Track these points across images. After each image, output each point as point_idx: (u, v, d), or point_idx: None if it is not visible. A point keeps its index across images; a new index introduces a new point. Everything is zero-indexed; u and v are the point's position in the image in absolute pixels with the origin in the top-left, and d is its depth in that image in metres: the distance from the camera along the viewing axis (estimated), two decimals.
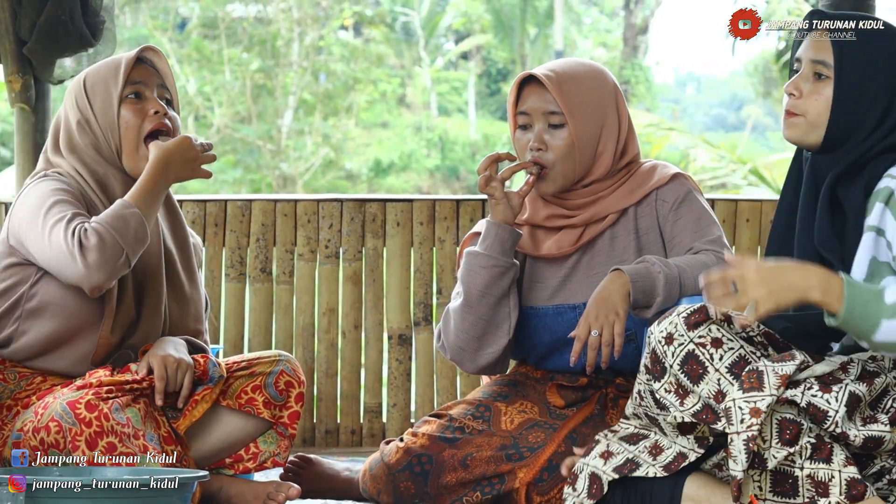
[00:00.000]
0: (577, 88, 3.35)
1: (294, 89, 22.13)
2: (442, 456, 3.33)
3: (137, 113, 3.33)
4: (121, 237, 3.13)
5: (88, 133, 3.33)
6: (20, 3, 4.83)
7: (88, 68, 3.43)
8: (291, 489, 3.36)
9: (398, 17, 25.53)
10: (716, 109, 33.28)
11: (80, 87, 3.36)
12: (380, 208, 5.23)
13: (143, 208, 3.19)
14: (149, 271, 3.33)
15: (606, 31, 28.10)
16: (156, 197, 3.24)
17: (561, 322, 3.38)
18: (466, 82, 26.42)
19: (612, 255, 3.38)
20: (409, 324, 5.22)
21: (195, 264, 3.46)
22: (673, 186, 3.40)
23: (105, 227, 3.12)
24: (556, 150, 3.35)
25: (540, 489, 3.25)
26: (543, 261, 3.43)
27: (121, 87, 3.32)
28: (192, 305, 3.43)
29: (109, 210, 3.17)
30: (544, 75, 3.35)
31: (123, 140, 3.32)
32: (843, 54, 2.78)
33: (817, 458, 2.65)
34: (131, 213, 3.16)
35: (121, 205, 3.18)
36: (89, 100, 3.34)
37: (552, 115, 3.35)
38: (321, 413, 5.20)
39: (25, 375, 3.28)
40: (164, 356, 3.23)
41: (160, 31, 22.21)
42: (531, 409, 3.42)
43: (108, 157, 3.33)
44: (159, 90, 3.37)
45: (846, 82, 2.77)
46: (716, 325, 2.72)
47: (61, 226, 3.13)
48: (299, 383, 3.41)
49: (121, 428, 3.05)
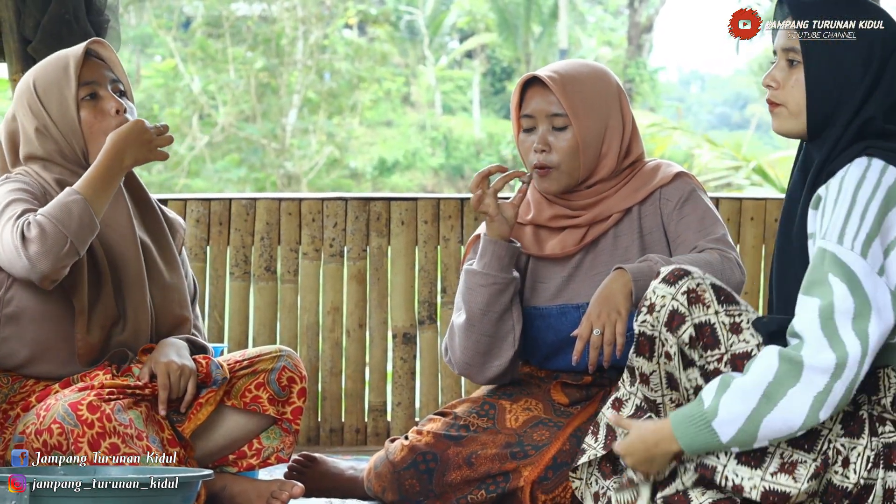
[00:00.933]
0: (580, 90, 3.35)
1: (298, 88, 22.14)
2: (447, 454, 3.33)
3: (98, 114, 3.30)
4: (63, 226, 3.08)
5: (50, 139, 3.30)
6: (24, 1, 4.83)
7: (33, 69, 3.37)
8: (295, 487, 3.35)
9: (402, 16, 25.53)
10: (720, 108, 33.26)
11: (31, 91, 3.32)
12: (384, 207, 5.23)
13: (90, 195, 3.14)
14: (127, 267, 3.30)
15: (611, 30, 28.10)
16: (107, 183, 3.19)
17: (565, 322, 3.38)
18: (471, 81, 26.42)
19: (615, 255, 3.38)
20: (413, 322, 5.22)
21: (174, 251, 3.43)
22: (677, 185, 3.40)
23: (47, 217, 3.09)
24: (560, 151, 3.35)
25: (545, 487, 3.26)
26: (547, 261, 3.43)
27: (74, 89, 3.28)
28: (175, 292, 3.39)
29: (54, 200, 3.14)
30: (548, 77, 3.35)
31: (89, 143, 3.29)
32: (805, 33, 2.74)
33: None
34: (74, 200, 3.12)
35: (65, 193, 3.14)
36: (44, 105, 3.30)
37: (556, 117, 3.35)
38: (326, 412, 5.20)
39: (18, 378, 3.27)
40: (166, 363, 3.21)
41: (164, 30, 22.23)
42: (536, 406, 3.42)
43: (74, 161, 3.31)
44: (113, 85, 3.34)
45: (814, 63, 2.73)
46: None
47: (10, 223, 3.10)
48: (301, 378, 3.41)
49: (123, 429, 3.04)
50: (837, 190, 2.61)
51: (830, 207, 2.61)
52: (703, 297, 2.71)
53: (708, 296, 2.71)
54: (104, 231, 3.28)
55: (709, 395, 2.60)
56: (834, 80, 2.71)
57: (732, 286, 3.29)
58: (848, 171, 2.62)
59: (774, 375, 2.55)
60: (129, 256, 3.31)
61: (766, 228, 5.28)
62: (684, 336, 2.70)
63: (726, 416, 2.58)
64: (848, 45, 2.72)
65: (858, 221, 2.58)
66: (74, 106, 3.28)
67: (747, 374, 2.58)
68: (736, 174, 13.62)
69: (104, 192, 3.18)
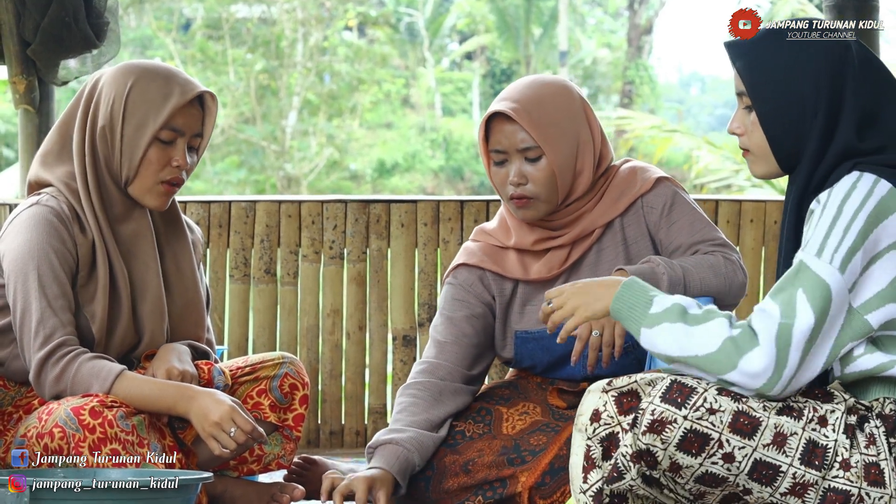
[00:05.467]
0: (546, 115, 3.30)
1: (298, 90, 22.14)
2: (443, 462, 3.32)
3: (162, 158, 3.22)
4: (78, 384, 3.09)
5: (108, 144, 3.24)
6: (24, 4, 4.82)
7: (137, 69, 3.26)
8: (296, 490, 3.36)
9: (402, 18, 25.54)
10: (720, 110, 33.25)
11: (123, 94, 3.23)
12: (384, 209, 5.23)
13: (122, 393, 3.09)
14: (147, 295, 3.29)
15: (610, 32, 28.10)
16: (146, 403, 3.11)
17: (557, 342, 3.37)
18: (470, 83, 26.42)
19: (597, 271, 3.36)
20: (413, 325, 5.22)
21: (195, 270, 3.40)
22: (658, 192, 3.38)
23: (72, 373, 3.08)
24: (537, 181, 3.32)
25: (542, 493, 3.25)
26: (534, 284, 3.42)
27: (159, 126, 3.21)
28: (193, 313, 3.38)
29: (98, 366, 3.10)
30: (512, 110, 3.29)
31: (140, 175, 3.23)
32: (744, 75, 2.69)
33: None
34: (112, 371, 3.10)
35: (112, 371, 3.10)
36: (125, 115, 3.22)
37: (528, 150, 3.32)
38: (325, 414, 5.20)
39: (25, 383, 3.26)
40: (168, 369, 3.20)
41: (164, 32, 22.23)
42: (533, 409, 3.41)
43: (114, 176, 3.25)
44: (192, 139, 3.27)
45: (763, 102, 2.67)
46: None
47: (39, 340, 3.10)
48: (303, 385, 3.40)
49: (125, 435, 3.03)
50: (825, 203, 2.57)
51: (816, 219, 2.57)
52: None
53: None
54: (128, 260, 3.28)
55: (659, 307, 2.58)
56: (787, 113, 2.66)
57: (735, 288, 3.29)
58: (837, 185, 2.58)
59: (711, 351, 2.51)
60: (150, 285, 3.29)
61: (766, 230, 5.28)
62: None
63: (654, 335, 2.57)
64: (793, 75, 2.66)
65: (841, 234, 2.54)
66: (150, 137, 3.21)
67: (693, 327, 2.53)
68: (736, 176, 13.61)
69: (133, 403, 3.10)
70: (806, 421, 2.52)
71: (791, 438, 2.50)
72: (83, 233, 3.22)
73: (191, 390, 3.10)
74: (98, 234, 3.23)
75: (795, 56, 2.67)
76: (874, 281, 2.55)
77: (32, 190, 3.30)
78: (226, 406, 3.06)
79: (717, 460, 2.48)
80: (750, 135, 2.72)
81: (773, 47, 2.69)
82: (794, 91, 2.66)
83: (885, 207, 2.56)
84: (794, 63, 2.67)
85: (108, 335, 3.23)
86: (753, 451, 2.49)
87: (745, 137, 2.74)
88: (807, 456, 2.49)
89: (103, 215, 3.24)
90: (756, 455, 2.49)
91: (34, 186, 3.30)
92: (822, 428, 2.52)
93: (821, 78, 2.65)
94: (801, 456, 2.50)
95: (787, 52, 2.68)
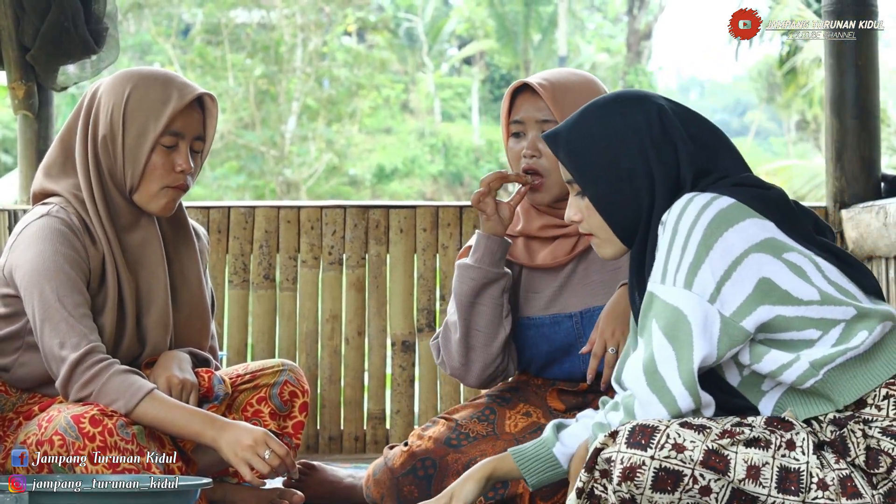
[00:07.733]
0: (570, 97, 3.36)
1: (297, 95, 22.15)
2: (446, 460, 3.33)
3: (166, 163, 3.21)
4: (105, 396, 3.07)
5: (110, 154, 3.22)
6: (23, 9, 4.83)
7: (134, 77, 3.23)
8: (295, 496, 3.36)
9: (402, 23, 25.55)
10: (719, 115, 33.28)
11: (122, 102, 3.21)
12: (383, 215, 5.23)
13: (149, 413, 3.07)
14: (153, 306, 3.28)
15: (610, 37, 28.12)
16: (171, 427, 3.09)
17: (558, 331, 3.38)
18: (470, 88, 26.44)
19: (606, 263, 3.38)
20: (412, 330, 5.22)
21: (201, 277, 3.39)
22: None
23: (103, 384, 3.06)
24: (550, 157, 3.35)
25: (543, 494, 3.25)
26: (539, 271, 3.43)
27: (160, 131, 3.19)
28: (198, 321, 3.38)
29: (128, 381, 3.07)
30: (538, 84, 3.36)
31: (144, 182, 3.21)
32: (568, 163, 2.69)
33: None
34: (142, 388, 3.07)
35: (141, 389, 3.07)
36: (125, 123, 3.20)
37: (546, 123, 3.36)
38: (324, 420, 5.20)
39: (30, 388, 3.26)
40: (168, 377, 3.20)
41: (163, 38, 22.25)
42: (534, 411, 3.42)
43: (119, 186, 3.24)
44: (194, 141, 3.25)
45: (589, 183, 2.67)
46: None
47: (68, 347, 3.07)
48: (303, 392, 3.40)
49: (125, 444, 3.02)
50: (662, 231, 2.58)
51: (656, 249, 2.59)
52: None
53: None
54: (135, 270, 3.27)
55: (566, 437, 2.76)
56: (619, 191, 2.66)
57: None
58: (671, 209, 2.59)
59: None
60: (156, 296, 3.29)
61: None
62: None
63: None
64: (614, 153, 2.65)
65: (680, 254, 2.54)
66: (151, 144, 3.20)
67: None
68: None
69: (153, 425, 3.09)
70: (775, 448, 2.51)
71: (764, 469, 2.48)
72: (94, 244, 3.21)
73: (220, 420, 3.08)
74: (107, 245, 3.22)
75: (613, 133, 2.66)
76: (739, 288, 2.54)
77: (38, 200, 3.30)
78: (259, 431, 3.05)
79: (695, 494, 2.48)
80: (588, 220, 2.72)
81: (589, 130, 2.68)
82: (621, 168, 2.65)
83: (725, 218, 2.55)
84: (613, 141, 2.66)
85: (114, 346, 3.23)
86: (729, 483, 2.48)
87: (585, 223, 2.73)
88: (782, 484, 2.48)
89: (111, 226, 3.23)
90: (733, 485, 2.49)
91: (39, 197, 3.29)
92: (791, 452, 2.51)
93: (645, 147, 2.64)
94: (777, 485, 2.48)
95: (604, 132, 2.66)
